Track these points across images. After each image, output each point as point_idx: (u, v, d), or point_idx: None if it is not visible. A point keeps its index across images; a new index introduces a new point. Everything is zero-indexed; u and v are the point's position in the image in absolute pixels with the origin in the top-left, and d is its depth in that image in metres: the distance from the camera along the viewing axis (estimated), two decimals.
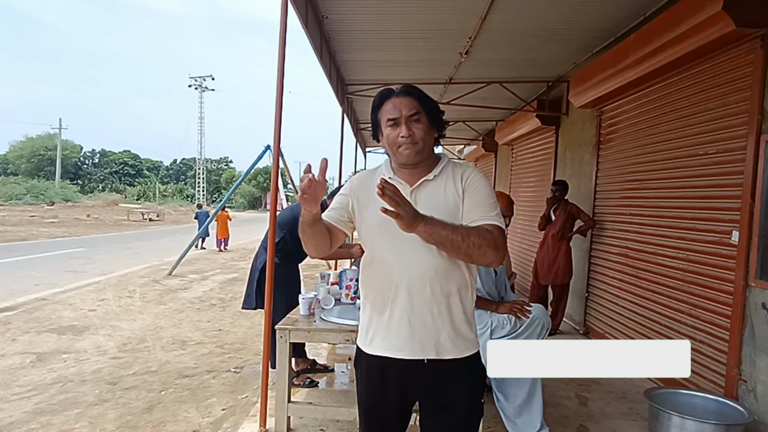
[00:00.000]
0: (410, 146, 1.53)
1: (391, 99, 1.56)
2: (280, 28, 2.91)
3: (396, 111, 1.53)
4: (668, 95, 4.06)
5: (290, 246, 3.53)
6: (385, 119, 1.55)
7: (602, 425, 3.18)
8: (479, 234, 1.44)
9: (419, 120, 1.54)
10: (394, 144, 1.55)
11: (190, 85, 55.16)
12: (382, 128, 1.59)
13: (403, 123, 1.52)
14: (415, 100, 1.55)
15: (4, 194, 35.96)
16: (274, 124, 2.98)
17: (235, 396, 3.62)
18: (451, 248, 1.43)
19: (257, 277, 3.65)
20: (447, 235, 1.40)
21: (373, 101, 1.61)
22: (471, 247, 1.42)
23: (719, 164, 3.40)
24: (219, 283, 8.63)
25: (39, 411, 3.31)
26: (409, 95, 1.55)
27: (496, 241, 1.46)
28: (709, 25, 3.06)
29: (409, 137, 1.52)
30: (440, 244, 1.44)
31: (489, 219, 1.50)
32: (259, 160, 8.77)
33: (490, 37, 4.69)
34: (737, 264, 3.10)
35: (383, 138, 1.60)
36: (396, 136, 1.54)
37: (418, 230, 1.37)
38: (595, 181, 5.34)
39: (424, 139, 1.55)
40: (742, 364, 3.04)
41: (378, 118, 1.60)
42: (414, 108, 1.54)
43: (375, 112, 1.60)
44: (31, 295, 7.05)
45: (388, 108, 1.55)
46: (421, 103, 1.55)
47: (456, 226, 1.45)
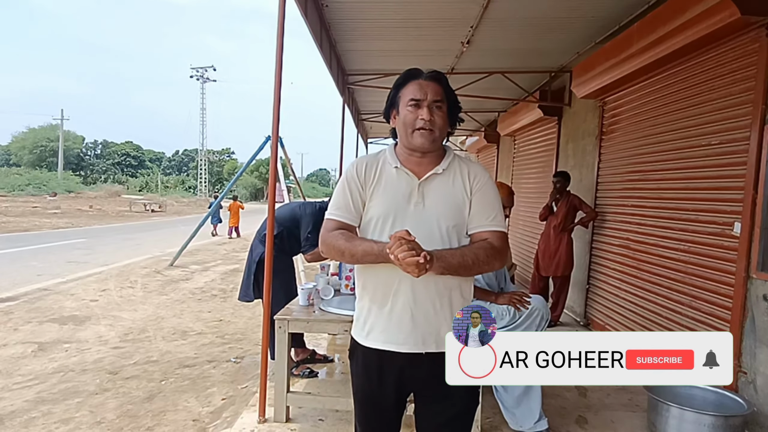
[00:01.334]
0: (427, 132, 1.49)
1: (417, 80, 1.52)
2: (279, 17, 2.88)
3: (422, 93, 1.50)
4: (672, 85, 4.02)
5: (285, 243, 3.56)
6: (407, 98, 1.51)
7: (601, 416, 3.18)
8: (485, 250, 1.49)
9: (441, 108, 1.51)
10: (410, 125, 1.51)
11: (191, 76, 55.09)
12: (399, 107, 1.54)
13: (426, 106, 1.49)
14: (441, 87, 1.53)
15: (7, 185, 36.01)
16: (272, 114, 2.96)
17: (234, 386, 3.63)
18: (464, 272, 1.48)
19: (254, 270, 3.64)
20: (459, 263, 1.44)
21: (398, 79, 1.56)
22: (481, 265, 1.49)
23: (722, 155, 3.37)
24: (220, 274, 8.65)
25: (40, 400, 3.33)
26: (437, 81, 1.53)
27: (501, 250, 1.52)
28: (714, 14, 3.02)
29: (429, 122, 1.49)
30: (454, 272, 1.46)
31: (493, 226, 1.54)
32: (261, 151, 8.71)
33: (492, 26, 4.63)
34: (739, 256, 3.08)
35: (398, 118, 1.55)
36: (415, 119, 1.50)
37: (434, 269, 1.37)
38: (597, 172, 5.31)
39: (441, 129, 1.53)
40: (742, 355, 3.03)
41: (398, 97, 1.55)
42: (439, 95, 1.51)
43: (396, 89, 1.56)
44: (33, 285, 7.08)
45: (413, 88, 1.51)
46: (445, 92, 1.53)
47: (464, 251, 1.47)
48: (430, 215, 1.51)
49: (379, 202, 1.54)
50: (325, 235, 1.56)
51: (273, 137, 2.98)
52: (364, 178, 1.56)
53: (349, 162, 1.71)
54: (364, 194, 1.55)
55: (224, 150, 67.77)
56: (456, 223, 1.52)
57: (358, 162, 1.60)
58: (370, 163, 1.59)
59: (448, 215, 1.52)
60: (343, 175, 1.62)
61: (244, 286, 3.76)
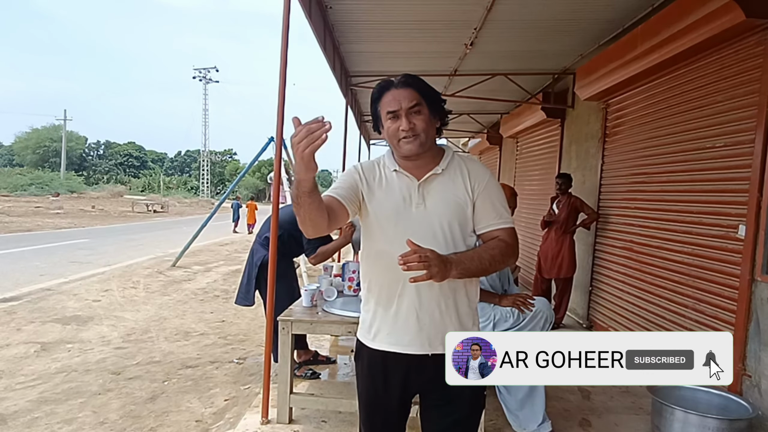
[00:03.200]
0: (411, 140, 1.49)
1: (390, 90, 1.51)
2: (283, 18, 2.88)
3: (396, 103, 1.49)
4: (676, 87, 4.01)
5: (286, 245, 3.48)
6: (385, 112, 1.51)
7: (605, 419, 3.17)
8: (500, 248, 1.50)
9: (420, 111, 1.50)
10: (394, 137, 1.51)
11: (194, 77, 55.26)
12: (382, 121, 1.54)
13: (403, 116, 1.48)
14: (414, 90, 1.50)
15: (10, 185, 36.04)
16: (276, 115, 2.97)
17: (237, 387, 3.63)
18: (482, 273, 1.51)
19: (255, 274, 3.56)
20: (477, 266, 1.46)
21: (372, 93, 1.56)
22: (497, 264, 1.50)
23: (726, 158, 3.36)
24: (222, 275, 8.66)
25: (43, 400, 3.33)
26: (409, 86, 1.50)
27: (514, 245, 1.55)
28: (719, 16, 3.02)
29: (410, 130, 1.48)
30: (473, 275, 1.48)
31: (502, 224, 1.56)
32: (263, 152, 8.72)
33: (495, 27, 4.64)
34: (743, 258, 3.07)
35: (384, 131, 1.56)
36: (396, 129, 1.50)
37: (452, 276, 1.38)
38: (601, 174, 5.30)
39: (426, 131, 1.51)
40: (747, 359, 3.02)
41: (378, 111, 1.55)
42: (414, 99, 1.49)
43: (375, 104, 1.55)
44: (36, 285, 7.09)
45: (388, 100, 1.50)
46: (421, 94, 1.51)
47: (480, 253, 1.49)
48: (432, 216, 1.51)
49: (381, 205, 1.54)
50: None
51: (277, 140, 2.99)
52: (365, 176, 1.57)
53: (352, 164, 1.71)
54: (364, 189, 1.55)
55: (226, 151, 67.91)
56: (458, 222, 1.52)
57: (360, 163, 1.64)
58: (371, 166, 1.61)
59: (449, 215, 1.51)
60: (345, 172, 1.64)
61: (243, 290, 3.66)
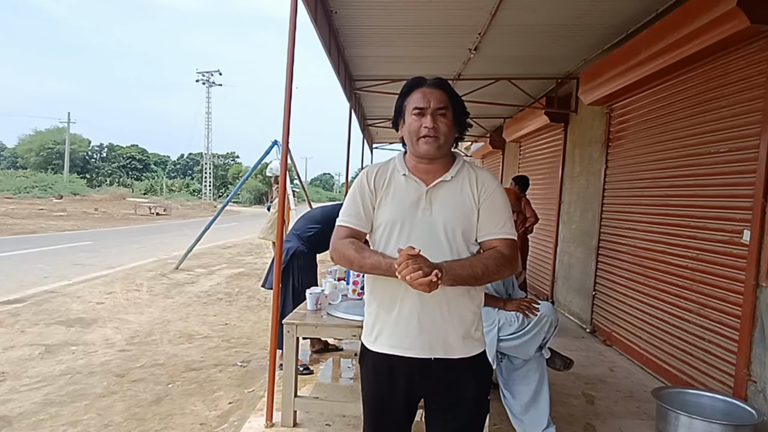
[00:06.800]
0: (432, 140, 1.51)
1: (421, 88, 1.54)
2: (290, 23, 2.90)
3: (425, 101, 1.51)
4: (679, 93, 4.02)
5: (318, 242, 3.83)
6: (412, 107, 1.53)
7: (609, 424, 3.16)
8: (495, 259, 1.49)
9: (445, 115, 1.52)
10: (415, 134, 1.53)
11: (197, 80, 55.26)
12: (405, 116, 1.56)
13: (429, 114, 1.50)
14: (445, 94, 1.53)
15: (13, 187, 36.09)
16: (283, 119, 2.98)
17: (241, 390, 3.63)
18: (474, 282, 1.49)
19: (287, 260, 3.79)
20: (469, 274, 1.45)
21: (402, 87, 1.58)
22: (491, 275, 1.49)
23: (731, 163, 3.37)
24: (226, 278, 8.66)
25: (48, 402, 3.34)
26: (441, 88, 1.54)
27: (511, 258, 1.52)
28: (723, 22, 3.02)
29: (433, 129, 1.50)
30: (464, 284, 1.48)
31: (502, 234, 1.54)
32: (266, 156, 8.73)
33: (499, 33, 4.66)
34: (748, 264, 3.07)
35: (404, 127, 1.57)
36: (419, 127, 1.51)
37: (444, 282, 1.38)
38: (604, 179, 5.30)
39: (447, 135, 1.53)
40: (752, 364, 3.01)
41: (404, 105, 1.57)
42: (443, 102, 1.52)
43: (402, 98, 1.58)
44: (40, 287, 7.10)
45: (417, 97, 1.53)
46: (450, 99, 1.54)
47: (473, 262, 1.48)
48: (437, 222, 1.52)
49: (388, 209, 1.55)
50: (336, 242, 1.58)
51: (283, 145, 3.00)
52: (374, 186, 1.58)
53: (358, 168, 1.72)
54: (375, 201, 1.57)
55: (229, 154, 67.94)
56: (463, 229, 1.52)
57: (368, 170, 1.63)
58: (381, 171, 1.61)
59: (455, 222, 1.52)
60: (354, 182, 1.63)
61: (273, 275, 3.81)
